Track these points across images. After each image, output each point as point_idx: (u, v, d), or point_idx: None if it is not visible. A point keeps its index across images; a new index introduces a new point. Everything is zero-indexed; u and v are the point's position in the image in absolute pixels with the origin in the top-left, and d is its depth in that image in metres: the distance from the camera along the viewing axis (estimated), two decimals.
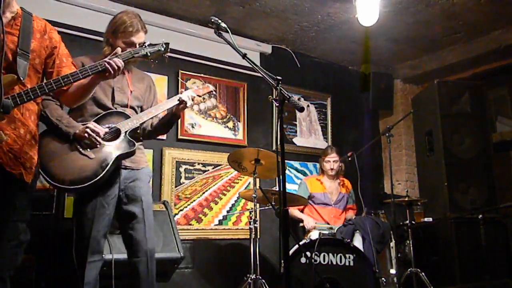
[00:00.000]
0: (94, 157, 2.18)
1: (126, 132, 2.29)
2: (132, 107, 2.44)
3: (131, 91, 2.44)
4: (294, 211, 3.91)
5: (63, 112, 2.27)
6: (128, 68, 2.45)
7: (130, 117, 2.34)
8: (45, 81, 1.89)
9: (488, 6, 3.89)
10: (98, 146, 2.20)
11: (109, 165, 2.18)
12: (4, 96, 1.57)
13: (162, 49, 2.13)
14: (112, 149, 2.24)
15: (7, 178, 1.77)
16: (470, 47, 4.63)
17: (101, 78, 1.97)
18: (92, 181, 2.14)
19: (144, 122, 2.44)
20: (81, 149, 2.19)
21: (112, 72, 1.93)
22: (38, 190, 2.94)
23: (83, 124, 2.23)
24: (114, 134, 2.29)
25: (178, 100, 2.46)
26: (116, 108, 2.36)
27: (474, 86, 4.52)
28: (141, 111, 2.50)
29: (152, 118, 2.50)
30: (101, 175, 2.16)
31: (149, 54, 2.08)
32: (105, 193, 2.29)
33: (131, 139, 2.29)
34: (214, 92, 2.75)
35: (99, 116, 2.31)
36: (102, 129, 2.22)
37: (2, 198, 1.79)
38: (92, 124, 2.21)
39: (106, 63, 1.91)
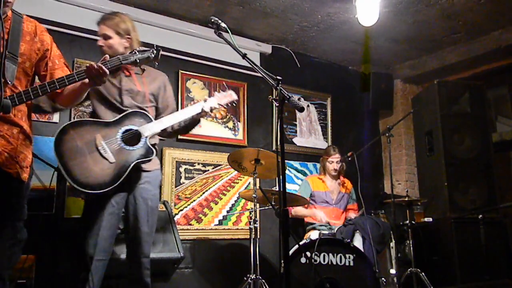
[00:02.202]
0: (114, 161, 2.24)
1: (147, 137, 2.34)
2: (143, 108, 2.46)
3: (138, 91, 2.47)
4: (298, 210, 3.92)
5: None
6: (131, 70, 2.49)
7: (152, 120, 2.40)
8: (40, 83, 1.90)
9: (488, 6, 3.89)
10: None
11: (126, 173, 2.24)
12: None
13: (152, 55, 2.10)
14: (132, 155, 2.29)
15: (4, 178, 1.78)
16: (470, 47, 4.62)
17: (88, 84, 1.99)
18: (109, 188, 2.19)
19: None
20: (102, 152, 2.23)
21: (93, 79, 1.92)
22: (38, 190, 2.98)
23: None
24: (135, 138, 2.33)
25: (201, 109, 2.53)
26: (126, 110, 2.40)
27: (474, 86, 4.52)
28: (156, 110, 2.57)
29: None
30: (118, 182, 2.21)
31: (138, 60, 2.05)
32: (116, 193, 2.34)
33: (150, 147, 2.35)
34: (235, 103, 2.74)
35: (122, 115, 2.36)
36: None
37: (0, 197, 1.80)
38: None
39: (86, 69, 1.91)
